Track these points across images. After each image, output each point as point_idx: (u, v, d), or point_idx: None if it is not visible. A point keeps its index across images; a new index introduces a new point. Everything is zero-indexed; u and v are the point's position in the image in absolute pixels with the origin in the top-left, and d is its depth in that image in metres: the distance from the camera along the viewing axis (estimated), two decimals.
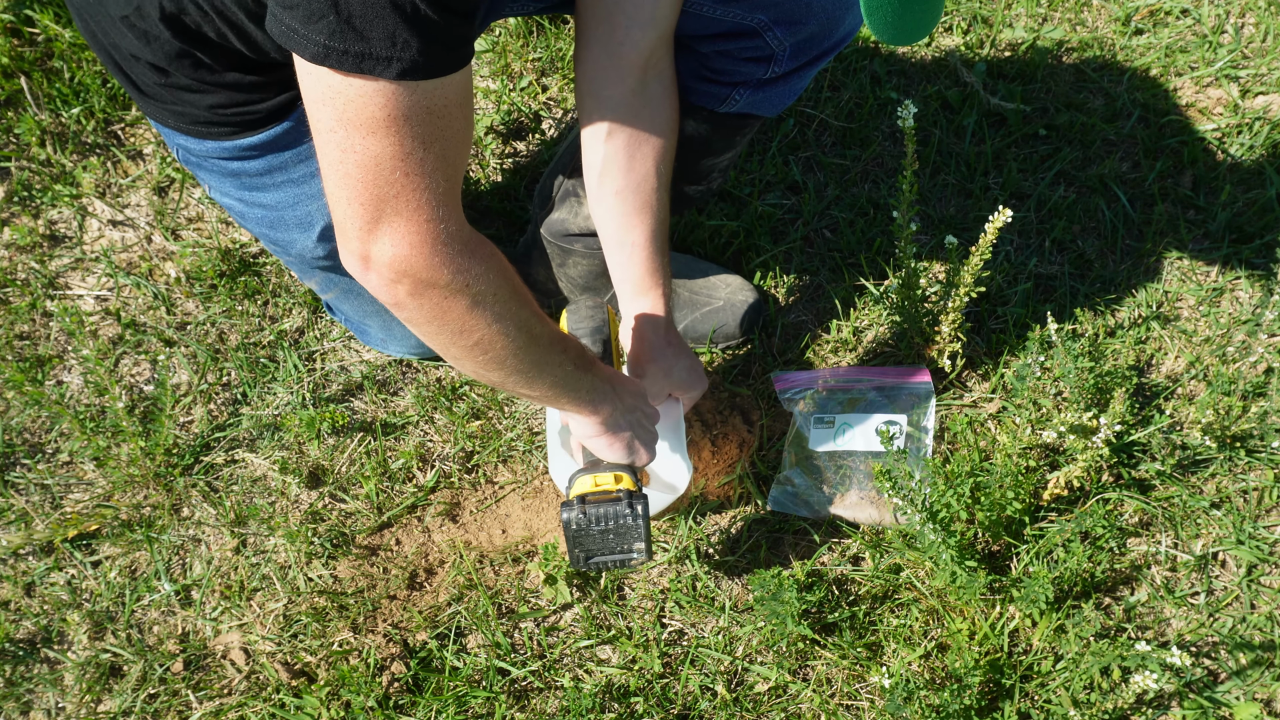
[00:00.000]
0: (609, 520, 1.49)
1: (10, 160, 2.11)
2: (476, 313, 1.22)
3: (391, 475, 1.81)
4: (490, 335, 1.25)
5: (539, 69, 2.20)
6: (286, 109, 1.48)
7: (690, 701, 1.62)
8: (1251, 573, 1.68)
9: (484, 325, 1.23)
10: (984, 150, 2.07)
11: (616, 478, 1.51)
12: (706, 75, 1.56)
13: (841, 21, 1.53)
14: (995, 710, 1.57)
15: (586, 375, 1.42)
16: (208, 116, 1.45)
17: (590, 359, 1.45)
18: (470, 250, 1.18)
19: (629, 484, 1.51)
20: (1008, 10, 2.24)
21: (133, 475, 1.80)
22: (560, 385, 1.39)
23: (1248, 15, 2.22)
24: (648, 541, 1.53)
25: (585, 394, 1.43)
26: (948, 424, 1.80)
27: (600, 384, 1.44)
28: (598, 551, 1.53)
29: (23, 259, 2.03)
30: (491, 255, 1.22)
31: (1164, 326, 1.89)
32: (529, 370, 1.33)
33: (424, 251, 1.15)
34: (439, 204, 1.14)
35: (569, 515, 1.49)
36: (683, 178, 1.65)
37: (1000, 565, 1.70)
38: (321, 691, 1.62)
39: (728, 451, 1.81)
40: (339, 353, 1.93)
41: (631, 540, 1.52)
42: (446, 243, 1.16)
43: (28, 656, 1.69)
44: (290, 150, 1.52)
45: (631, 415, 1.51)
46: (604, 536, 1.51)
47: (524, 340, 1.28)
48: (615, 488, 1.50)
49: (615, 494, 1.49)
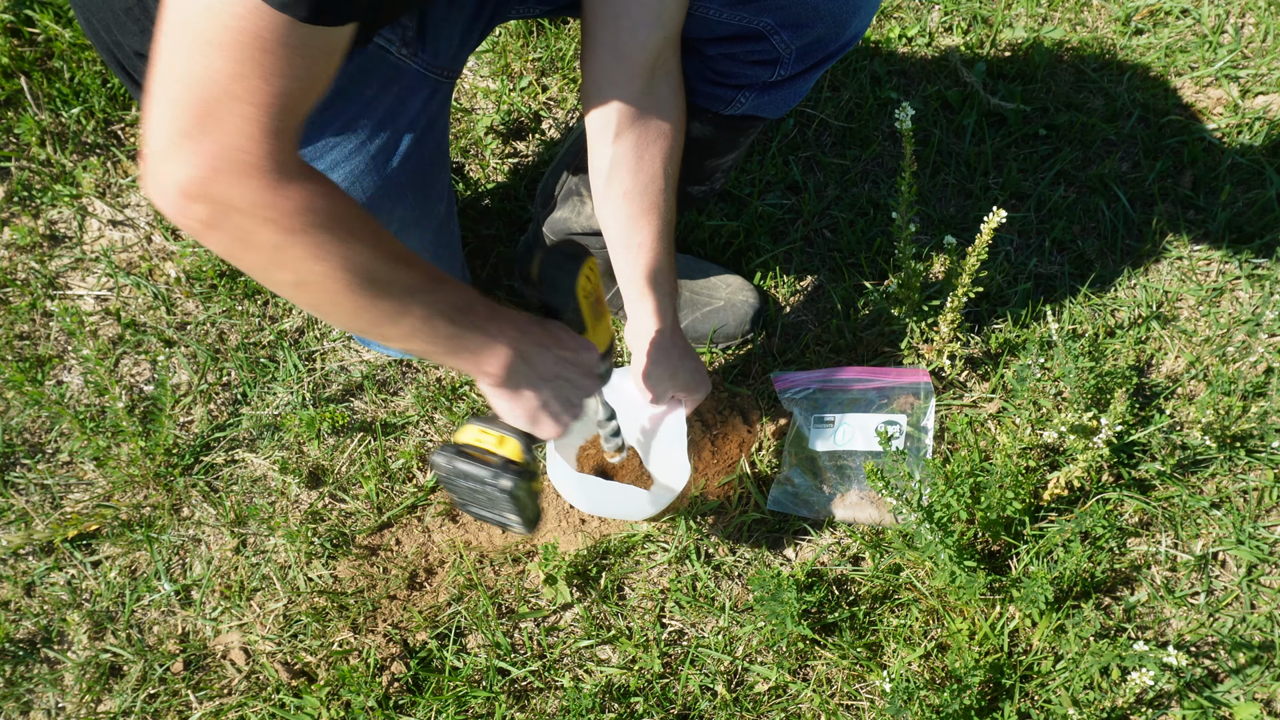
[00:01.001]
0: (476, 482, 1.38)
1: (10, 160, 2.11)
2: (292, 248, 1.12)
3: (391, 475, 1.81)
4: (313, 274, 1.15)
5: (539, 69, 2.20)
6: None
7: (690, 701, 1.62)
8: (1251, 573, 1.68)
9: (303, 262, 1.14)
10: (984, 150, 2.07)
11: (500, 440, 1.38)
12: (712, 78, 1.56)
13: (848, 24, 1.52)
14: (995, 710, 1.57)
15: (459, 328, 1.28)
16: None
17: (480, 310, 1.31)
18: (288, 181, 1.09)
19: (513, 451, 1.37)
20: (1008, 10, 2.24)
21: (133, 475, 1.80)
22: (421, 336, 1.27)
23: (1248, 15, 2.22)
24: (524, 515, 1.40)
25: (460, 347, 1.30)
26: (948, 424, 1.80)
27: (483, 339, 1.30)
28: (472, 503, 1.44)
29: (23, 259, 2.03)
30: (319, 193, 1.12)
31: (1164, 326, 1.89)
32: (374, 315, 1.23)
33: (237, 164, 1.06)
34: (263, 133, 1.06)
35: (436, 459, 1.38)
36: (686, 178, 1.65)
37: (1000, 565, 1.70)
38: (321, 691, 1.62)
39: (728, 451, 1.81)
40: (339, 353, 1.93)
41: (502, 509, 1.40)
42: (263, 170, 1.07)
43: (28, 656, 1.69)
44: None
45: (550, 382, 1.38)
46: (473, 494, 1.40)
47: (359, 283, 1.18)
48: (494, 451, 1.37)
49: (490, 458, 1.37)
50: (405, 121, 1.56)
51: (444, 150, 1.70)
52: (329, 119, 1.51)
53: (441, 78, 1.58)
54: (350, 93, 1.51)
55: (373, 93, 1.52)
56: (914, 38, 2.22)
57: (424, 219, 1.67)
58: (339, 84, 1.48)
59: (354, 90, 1.51)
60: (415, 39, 1.52)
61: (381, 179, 1.56)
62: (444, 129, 1.68)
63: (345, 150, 1.53)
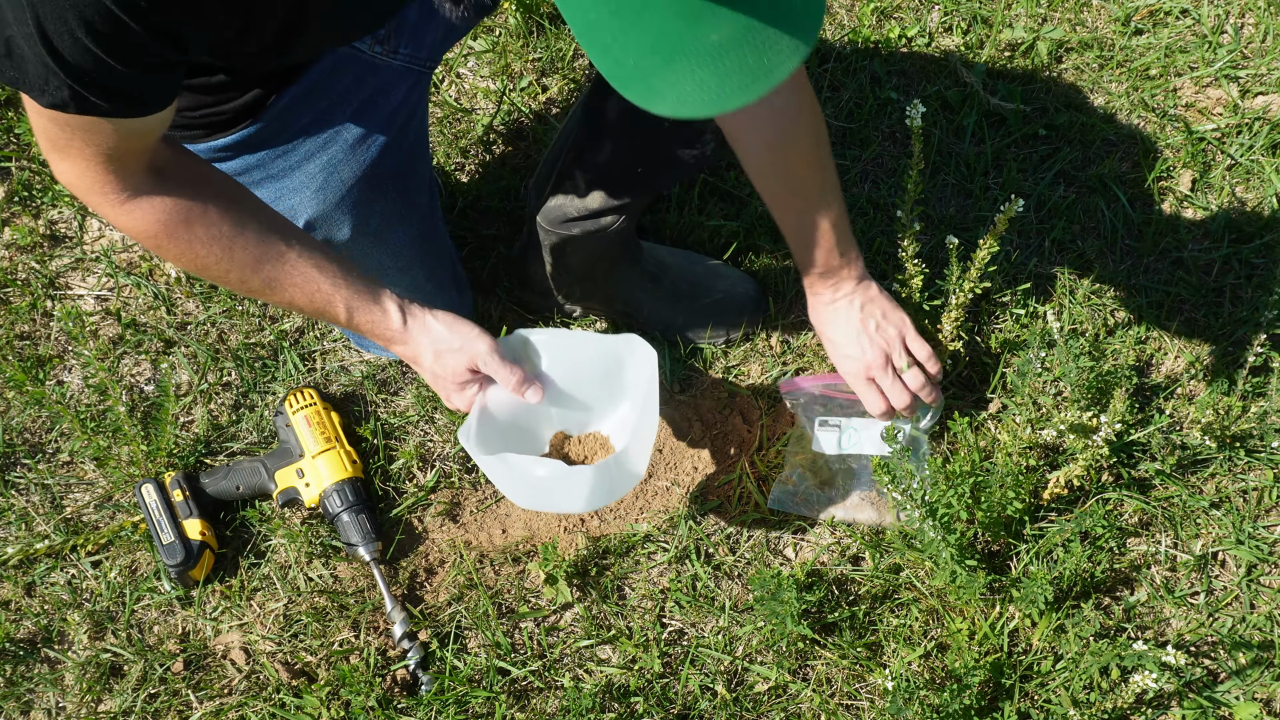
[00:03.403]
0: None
1: (10, 160, 2.11)
2: (161, 250, 1.35)
3: (391, 475, 1.81)
4: (192, 266, 1.37)
5: (539, 69, 2.20)
6: (255, 108, 1.48)
7: (690, 701, 1.62)
8: (1251, 573, 1.68)
9: (178, 258, 1.36)
10: (984, 150, 2.07)
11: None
12: None
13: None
14: (995, 710, 1.57)
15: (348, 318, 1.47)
16: (178, 120, 1.45)
17: (357, 273, 1.47)
18: (133, 199, 1.29)
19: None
20: (1008, 10, 2.24)
21: (133, 475, 1.80)
22: (319, 301, 1.45)
23: (1247, 15, 2.22)
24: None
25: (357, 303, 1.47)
26: (948, 424, 1.80)
27: (374, 288, 1.48)
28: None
29: (23, 259, 2.03)
30: (168, 204, 1.31)
31: (1164, 326, 1.89)
32: (262, 291, 1.42)
33: (89, 188, 1.28)
34: (102, 164, 1.24)
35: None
36: (677, 138, 1.63)
37: (1000, 565, 1.70)
38: (321, 691, 1.62)
39: (728, 452, 1.81)
40: (339, 353, 1.93)
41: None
42: (105, 193, 1.28)
43: (28, 656, 1.69)
44: (265, 149, 1.52)
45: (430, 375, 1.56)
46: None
47: (238, 265, 1.38)
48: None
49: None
50: (385, 113, 1.56)
51: (424, 140, 1.70)
52: (298, 113, 1.51)
53: (423, 69, 1.58)
54: (321, 87, 1.51)
55: (345, 86, 1.52)
56: (914, 38, 2.22)
57: (407, 211, 1.66)
58: (308, 81, 1.49)
59: (325, 84, 1.51)
60: (391, 36, 1.52)
61: (361, 169, 1.56)
62: (423, 119, 1.68)
63: (318, 141, 1.53)
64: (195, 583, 1.70)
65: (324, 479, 1.72)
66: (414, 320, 1.50)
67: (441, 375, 1.54)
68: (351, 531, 1.70)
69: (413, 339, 1.50)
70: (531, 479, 1.53)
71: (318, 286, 1.43)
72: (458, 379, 1.54)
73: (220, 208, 1.35)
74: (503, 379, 1.54)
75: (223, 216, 1.35)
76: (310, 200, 1.54)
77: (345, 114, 1.53)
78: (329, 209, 1.56)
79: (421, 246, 1.71)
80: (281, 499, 1.74)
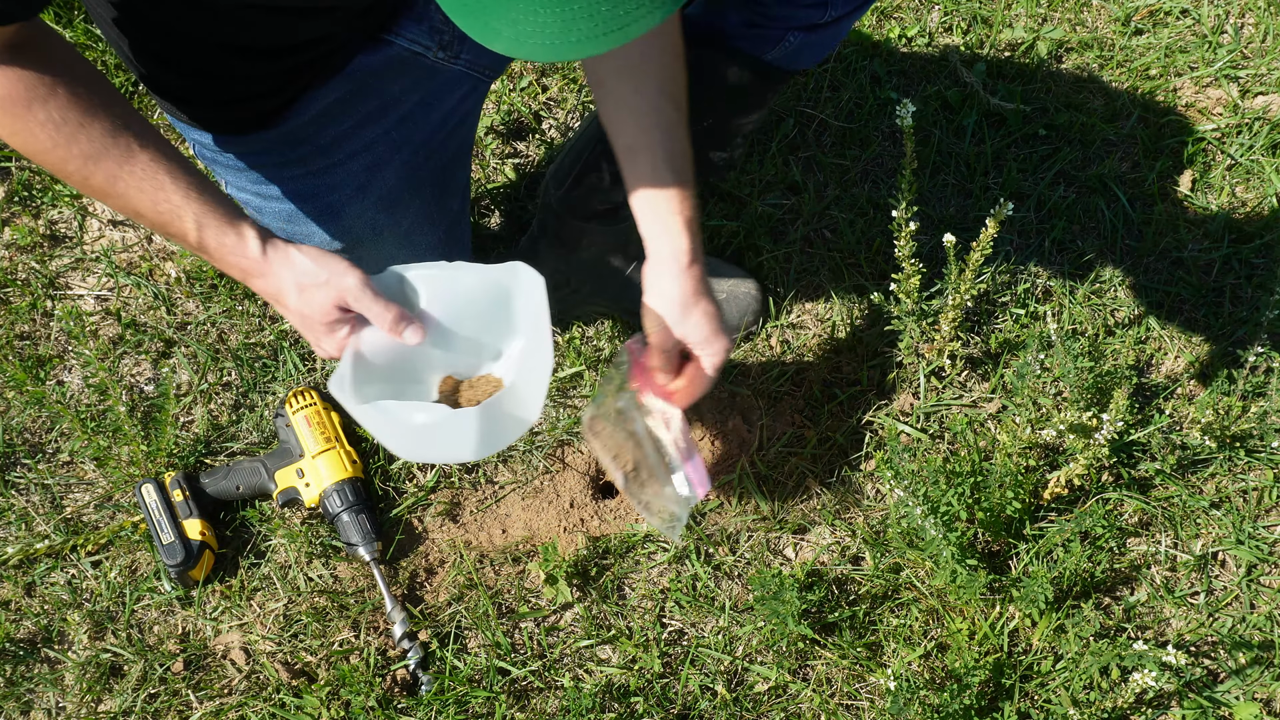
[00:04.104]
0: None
1: (10, 160, 2.11)
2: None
3: (392, 475, 1.81)
4: (22, 149, 1.25)
5: (539, 69, 2.20)
6: (297, 103, 1.48)
7: (690, 701, 1.62)
8: (1251, 573, 1.68)
9: (10, 133, 1.23)
10: (984, 150, 2.07)
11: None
12: (759, 22, 1.51)
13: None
14: (995, 710, 1.57)
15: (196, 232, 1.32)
16: (223, 117, 1.44)
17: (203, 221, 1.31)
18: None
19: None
20: (1008, 10, 2.24)
21: (133, 475, 1.80)
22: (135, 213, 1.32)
23: (1247, 15, 2.22)
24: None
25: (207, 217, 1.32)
26: (948, 424, 1.80)
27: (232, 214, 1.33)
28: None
29: (23, 259, 2.03)
30: (2, 79, 1.19)
31: (1164, 326, 1.89)
32: (104, 192, 1.29)
33: None
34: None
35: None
36: (710, 141, 1.61)
37: (1000, 565, 1.70)
38: (321, 691, 1.62)
39: (728, 451, 1.81)
40: None
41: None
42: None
43: (28, 656, 1.69)
44: (306, 145, 1.51)
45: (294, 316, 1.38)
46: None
47: (72, 161, 1.25)
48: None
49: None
50: (438, 117, 1.55)
51: (469, 146, 1.69)
52: (347, 111, 1.50)
53: (482, 76, 1.57)
54: (373, 87, 1.50)
55: (402, 87, 1.51)
56: (914, 38, 2.22)
57: (438, 215, 1.66)
58: (357, 78, 1.48)
59: (377, 85, 1.50)
60: (454, 41, 1.51)
61: (404, 171, 1.55)
62: (473, 125, 1.68)
63: (364, 140, 1.53)
64: (195, 583, 1.70)
65: (324, 479, 1.72)
66: (275, 250, 1.34)
67: (308, 314, 1.36)
68: (351, 531, 1.70)
69: (273, 271, 1.34)
70: (412, 427, 1.34)
71: (166, 195, 1.28)
72: (326, 318, 1.36)
73: (70, 93, 1.22)
74: (376, 317, 1.35)
75: (71, 103, 1.22)
76: (350, 198, 1.53)
77: (396, 116, 1.52)
78: (367, 207, 1.55)
79: (446, 251, 1.71)
80: (281, 499, 1.74)
